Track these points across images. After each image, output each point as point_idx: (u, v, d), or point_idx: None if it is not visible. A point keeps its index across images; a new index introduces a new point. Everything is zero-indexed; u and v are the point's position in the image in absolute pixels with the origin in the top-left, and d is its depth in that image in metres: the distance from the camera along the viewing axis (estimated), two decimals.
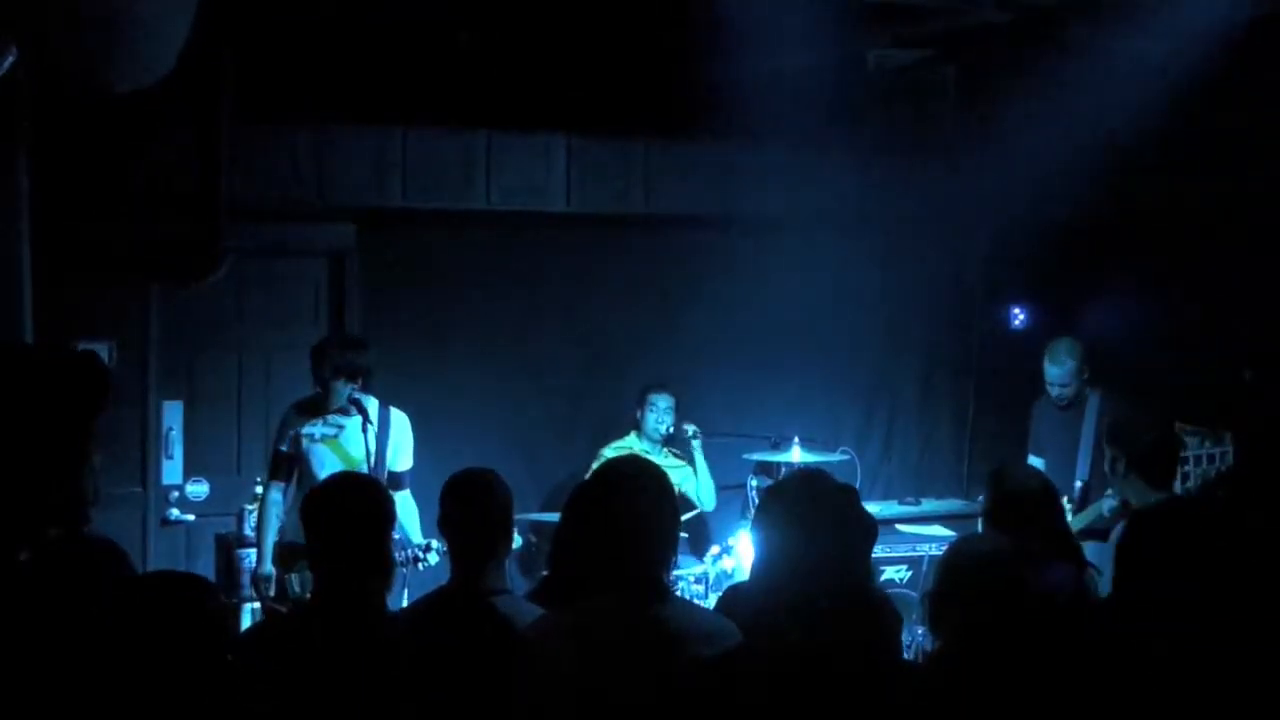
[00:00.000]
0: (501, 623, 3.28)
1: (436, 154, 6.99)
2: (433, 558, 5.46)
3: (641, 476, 3.11)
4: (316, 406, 5.72)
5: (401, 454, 5.80)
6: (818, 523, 2.77)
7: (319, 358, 5.67)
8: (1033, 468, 5.15)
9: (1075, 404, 6.19)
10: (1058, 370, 6.20)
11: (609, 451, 7.07)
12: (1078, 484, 6.07)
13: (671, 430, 7.11)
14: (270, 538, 5.64)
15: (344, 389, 5.64)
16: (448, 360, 7.24)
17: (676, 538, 3.17)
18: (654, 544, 3.02)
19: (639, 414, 7.16)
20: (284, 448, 5.72)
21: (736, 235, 7.59)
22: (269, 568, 5.59)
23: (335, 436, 5.69)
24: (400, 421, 5.82)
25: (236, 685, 2.73)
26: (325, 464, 5.64)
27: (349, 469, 5.56)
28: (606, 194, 7.33)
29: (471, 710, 3.15)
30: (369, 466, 5.57)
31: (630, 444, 7.12)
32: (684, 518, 4.89)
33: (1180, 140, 6.53)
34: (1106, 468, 4.63)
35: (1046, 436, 6.33)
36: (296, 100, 6.52)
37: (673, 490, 3.17)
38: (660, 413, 7.08)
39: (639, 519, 3.01)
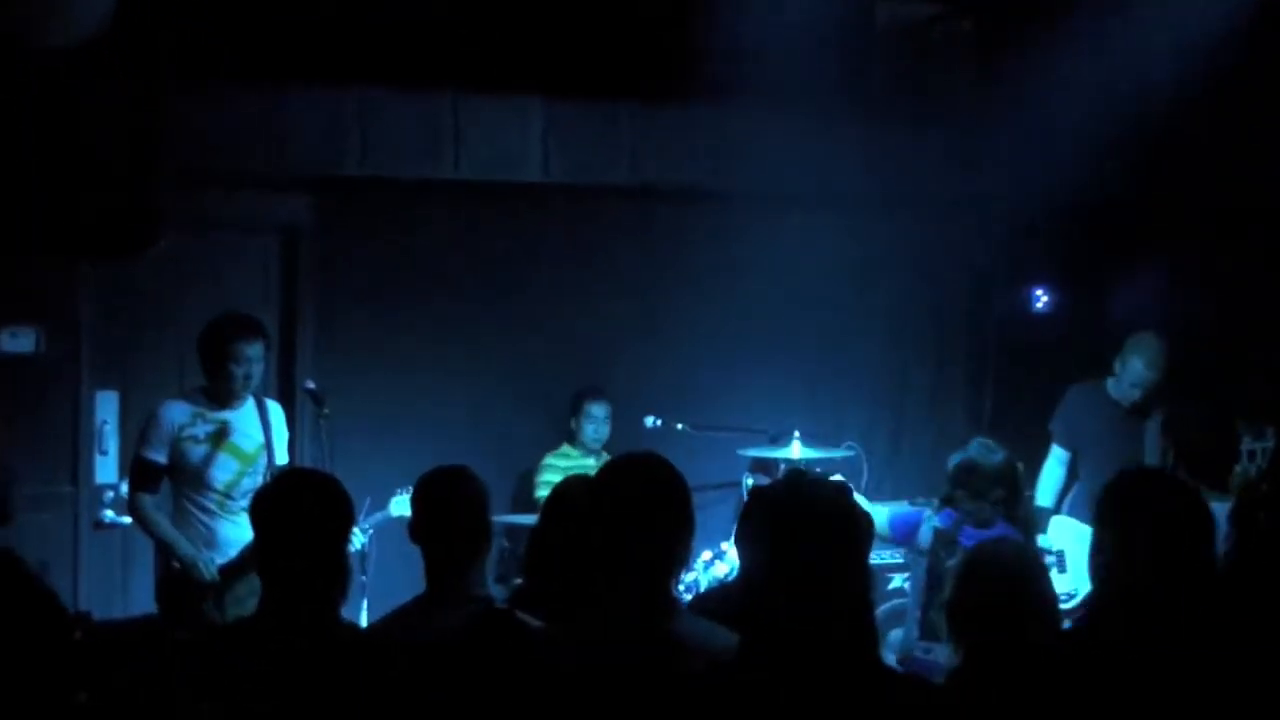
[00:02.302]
0: (501, 636, 3.25)
1: (399, 118, 6.96)
2: (358, 540, 5.45)
3: (657, 476, 3.08)
4: (202, 401, 5.67)
5: (283, 447, 5.83)
6: (805, 534, 2.75)
7: (238, 340, 5.58)
8: (998, 446, 5.20)
9: (1135, 411, 6.11)
10: (1150, 374, 6.05)
11: (552, 460, 7.17)
12: None
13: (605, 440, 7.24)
14: (171, 527, 5.59)
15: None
16: (410, 345, 7.23)
17: (689, 546, 3.14)
18: (667, 553, 2.99)
19: (574, 423, 7.23)
20: (159, 458, 5.60)
21: (732, 210, 7.58)
22: (191, 548, 5.55)
23: (220, 432, 5.65)
24: (278, 411, 5.86)
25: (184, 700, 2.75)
26: (217, 466, 5.62)
27: (244, 467, 5.62)
28: (588, 163, 7.32)
29: None
30: (266, 460, 5.62)
31: (566, 453, 7.26)
32: None
33: (1222, 108, 6.52)
34: (1156, 461, 4.64)
35: (1093, 437, 6.25)
36: (245, 58, 6.47)
37: (688, 493, 3.14)
38: (599, 423, 7.26)
39: (652, 525, 2.98)
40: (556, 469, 6.94)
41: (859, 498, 4.96)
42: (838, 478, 6.29)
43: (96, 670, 3.36)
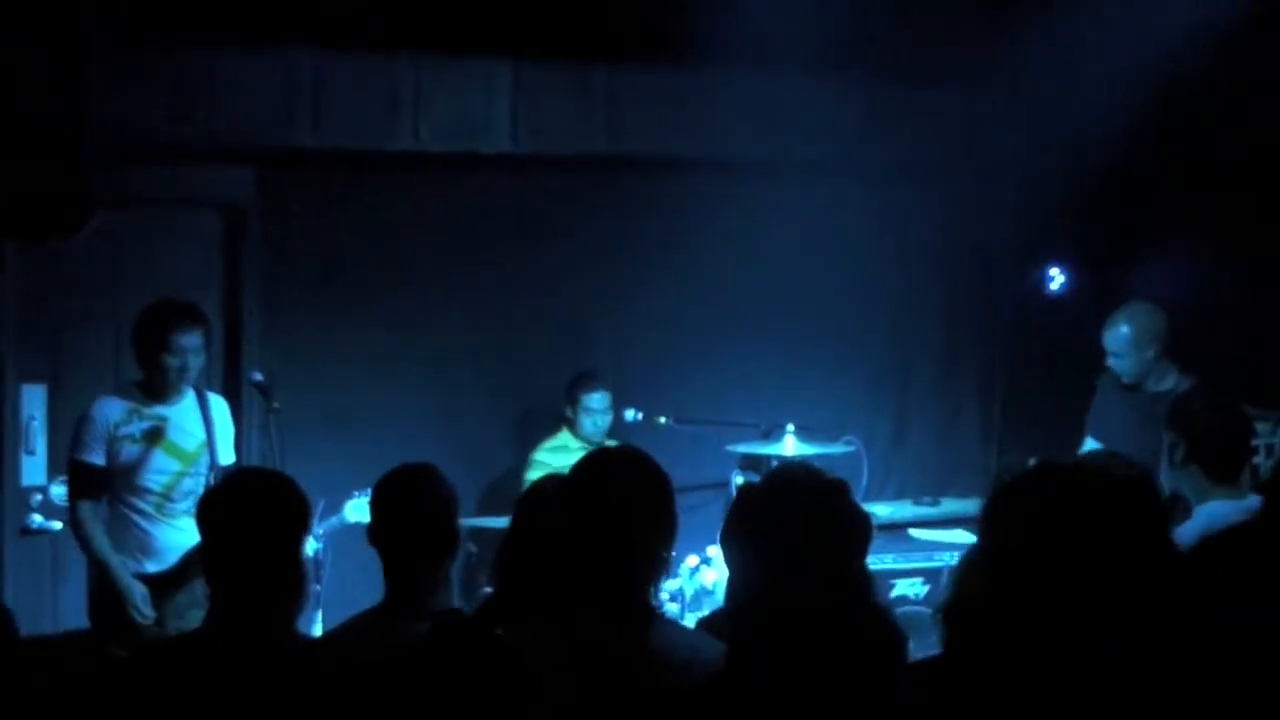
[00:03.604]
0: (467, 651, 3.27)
1: (353, 83, 6.94)
2: (311, 546, 5.49)
3: (636, 472, 3.09)
4: (138, 396, 5.71)
5: (228, 445, 5.87)
6: (797, 535, 2.75)
7: (173, 330, 5.63)
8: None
9: (1145, 386, 6.14)
10: (1108, 336, 6.20)
11: (543, 455, 7.19)
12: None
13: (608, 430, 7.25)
14: (110, 549, 5.62)
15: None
16: (367, 332, 7.23)
17: (671, 549, 3.16)
18: (646, 557, 3.00)
19: (570, 413, 7.26)
20: (96, 460, 5.66)
21: (718, 182, 7.59)
22: (129, 577, 5.59)
23: (157, 430, 5.69)
24: (222, 407, 5.92)
25: None
26: (153, 466, 5.67)
27: (185, 467, 5.68)
28: (560, 132, 7.31)
29: None
30: (209, 459, 5.68)
31: (564, 443, 7.21)
32: None
33: (1256, 75, 6.52)
34: (1165, 456, 4.65)
35: (1112, 423, 6.28)
36: (187, 18, 6.45)
37: (670, 491, 3.16)
38: (597, 415, 7.28)
39: (631, 526, 2.99)
40: (548, 466, 6.91)
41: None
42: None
43: (24, 690, 3.37)
